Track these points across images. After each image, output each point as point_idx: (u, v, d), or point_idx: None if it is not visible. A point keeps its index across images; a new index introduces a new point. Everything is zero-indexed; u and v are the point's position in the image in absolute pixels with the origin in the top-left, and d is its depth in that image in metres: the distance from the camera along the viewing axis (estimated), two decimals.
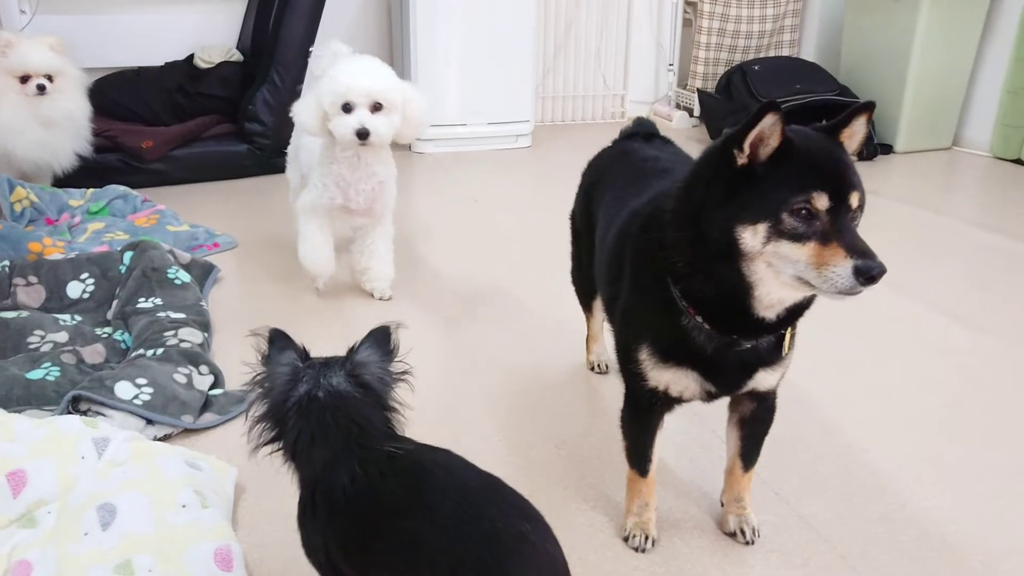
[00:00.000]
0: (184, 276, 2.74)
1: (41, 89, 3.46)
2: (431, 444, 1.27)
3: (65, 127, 3.57)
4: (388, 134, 2.58)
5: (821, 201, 1.25)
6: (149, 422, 2.00)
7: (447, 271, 3.25)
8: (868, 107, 1.37)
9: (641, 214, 1.57)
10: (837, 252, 1.23)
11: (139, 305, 2.55)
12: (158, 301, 2.57)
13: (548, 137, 5.48)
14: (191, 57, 4.64)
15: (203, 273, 2.92)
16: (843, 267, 1.22)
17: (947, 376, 2.42)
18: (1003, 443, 2.06)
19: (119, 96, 4.39)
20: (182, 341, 2.33)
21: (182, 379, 2.14)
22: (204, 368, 2.22)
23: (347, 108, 2.52)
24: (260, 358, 1.26)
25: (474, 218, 3.85)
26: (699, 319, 1.41)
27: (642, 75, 5.94)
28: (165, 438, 2.01)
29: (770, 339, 1.46)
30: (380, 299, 2.93)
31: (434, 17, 4.73)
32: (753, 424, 1.66)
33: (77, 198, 3.51)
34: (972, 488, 1.87)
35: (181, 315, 2.50)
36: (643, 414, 1.63)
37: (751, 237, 1.28)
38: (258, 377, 1.26)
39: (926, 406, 2.24)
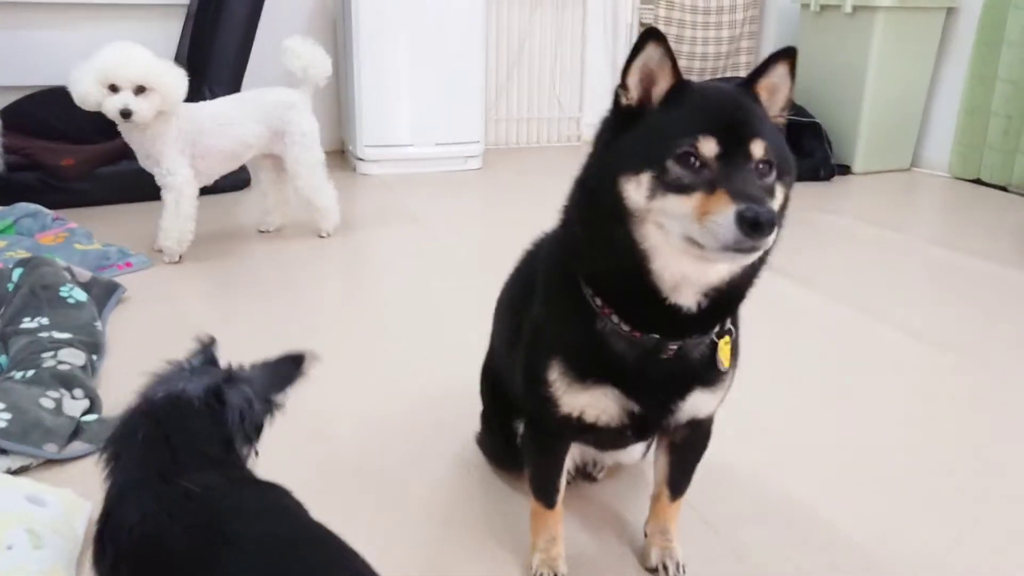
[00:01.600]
0: (79, 295, 2.51)
1: None
2: (267, 480, 1.06)
3: None
4: (149, 114, 2.95)
5: (708, 146, 1.07)
6: (3, 452, 1.76)
7: (375, 290, 3.04)
8: (788, 53, 1.20)
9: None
10: (721, 198, 1.04)
11: (22, 325, 2.31)
12: (44, 320, 2.34)
13: (500, 159, 5.31)
14: None
15: (105, 292, 2.69)
16: (725, 214, 1.02)
17: (902, 394, 2.24)
18: (960, 466, 1.87)
19: (44, 114, 4.15)
20: (60, 363, 2.09)
21: (50, 404, 1.90)
22: (79, 392, 1.99)
23: (113, 88, 2.91)
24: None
25: (413, 238, 3.64)
26: (615, 319, 1.21)
27: (598, 98, 5.82)
28: (22, 470, 1.77)
29: (703, 347, 1.26)
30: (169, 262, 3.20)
31: (379, 34, 4.57)
32: (685, 450, 1.46)
33: None
34: (926, 514, 1.67)
35: (66, 335, 2.27)
36: (551, 441, 1.43)
37: (635, 190, 1.10)
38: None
39: (879, 426, 2.05)
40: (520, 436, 1.56)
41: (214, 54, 4.03)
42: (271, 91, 3.40)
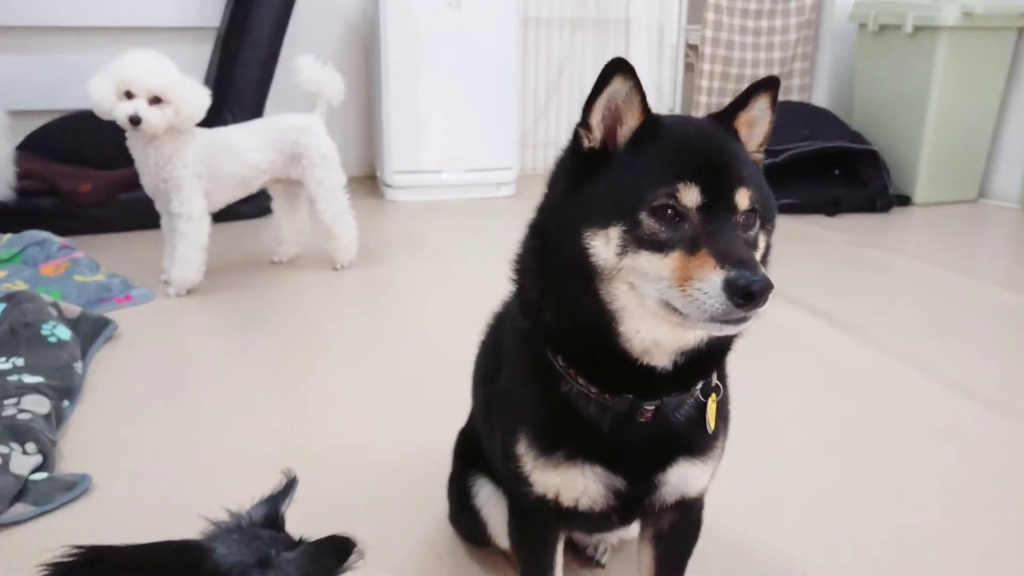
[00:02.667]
0: (63, 333, 2.38)
1: None
2: None
3: None
4: (161, 125, 2.83)
5: (689, 195, 0.93)
6: None
7: (388, 330, 2.85)
8: (770, 83, 1.05)
9: None
10: (705, 261, 0.89)
11: None
12: (19, 362, 2.21)
13: (535, 186, 5.07)
14: None
15: (94, 329, 2.56)
16: (711, 281, 0.88)
17: (948, 461, 1.96)
18: (1012, 542, 1.58)
19: (69, 138, 4.10)
20: (21, 411, 1.95)
21: None
22: (31, 446, 1.83)
23: (129, 95, 2.81)
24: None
25: (433, 273, 3.45)
26: (580, 380, 1.05)
27: None
28: None
29: (688, 408, 1.09)
30: (176, 295, 3.05)
31: (409, 56, 4.42)
32: (673, 541, 1.25)
33: None
34: None
35: (38, 379, 2.13)
36: (535, 530, 1.24)
37: (603, 246, 0.95)
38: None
39: (923, 498, 1.77)
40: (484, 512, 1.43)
41: (236, 78, 3.94)
42: (284, 117, 3.28)
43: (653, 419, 1.05)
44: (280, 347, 2.66)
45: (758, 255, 0.99)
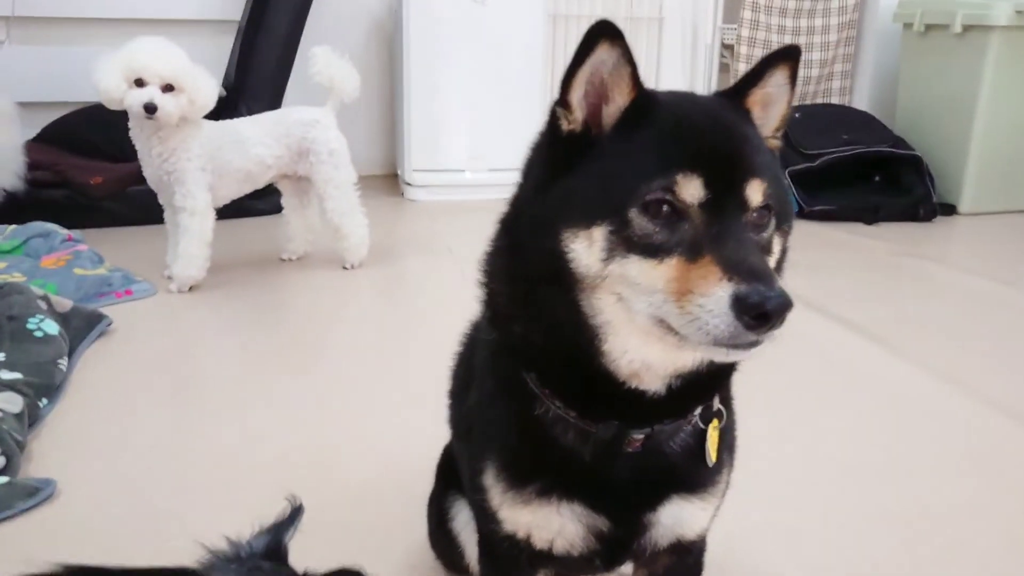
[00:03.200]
0: (50, 327, 2.28)
1: None
2: None
3: None
4: (175, 114, 2.73)
5: (690, 188, 0.77)
6: None
7: (394, 332, 2.72)
8: (789, 53, 0.90)
9: None
10: (709, 271, 0.73)
11: None
12: (0, 356, 2.10)
13: None
14: None
15: (86, 324, 2.46)
16: (715, 295, 0.72)
17: (989, 491, 1.75)
18: None
19: (85, 130, 4.05)
20: None
21: None
22: None
23: (140, 83, 2.69)
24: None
25: (445, 275, 3.31)
26: (558, 404, 0.89)
27: None
28: None
29: (684, 436, 0.93)
30: (178, 291, 2.93)
31: (432, 52, 4.30)
32: None
33: None
34: None
35: (16, 375, 2.02)
36: (507, 570, 1.07)
37: (585, 250, 0.79)
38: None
39: (960, 532, 1.57)
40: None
41: (253, 71, 3.84)
42: (293, 110, 3.17)
43: (643, 449, 0.90)
44: (279, 349, 2.54)
45: (771, 262, 0.83)
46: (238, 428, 2.01)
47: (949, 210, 4.34)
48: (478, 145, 4.49)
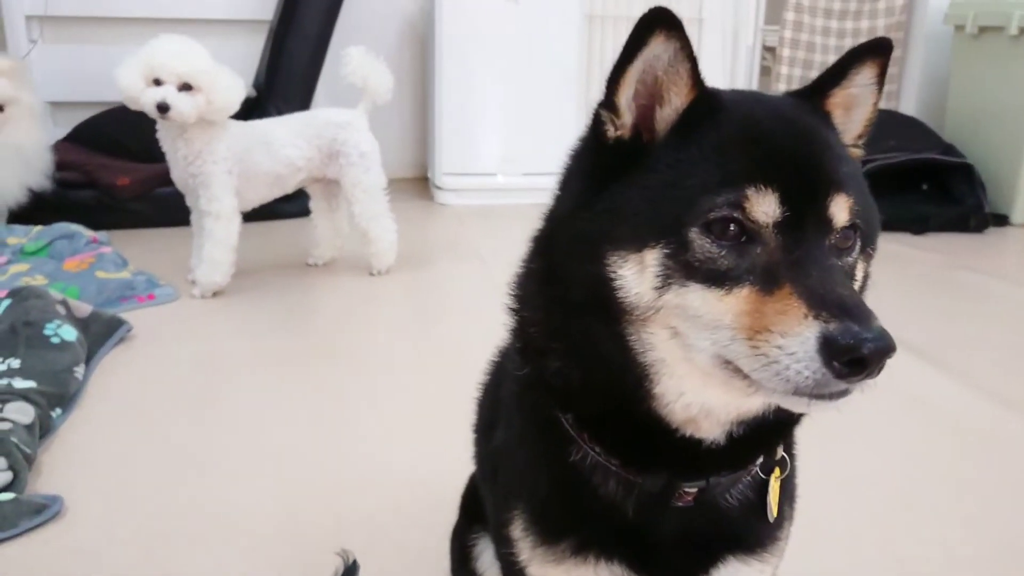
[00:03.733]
0: (68, 334, 2.22)
1: None
2: None
3: (11, 160, 3.17)
4: (191, 113, 2.66)
5: (764, 205, 0.66)
6: None
7: (419, 343, 2.62)
8: (880, 47, 0.77)
9: None
10: (790, 305, 0.62)
11: None
12: (14, 363, 2.05)
13: None
14: None
15: (106, 330, 2.40)
16: (799, 336, 0.61)
17: None
18: None
19: (115, 130, 4.02)
20: (1, 420, 1.77)
21: None
22: (1, 462, 1.65)
23: (157, 83, 2.65)
24: None
25: (475, 283, 3.21)
26: (597, 449, 0.78)
27: None
28: None
29: (744, 488, 0.81)
30: (201, 297, 2.88)
31: (465, 54, 4.21)
32: None
33: (19, 235, 3.09)
34: None
35: (29, 384, 1.96)
36: None
37: (634, 276, 0.69)
38: None
39: None
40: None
41: (283, 71, 3.78)
42: (324, 111, 3.11)
43: (695, 503, 0.78)
44: (302, 359, 2.45)
45: (855, 286, 0.72)
46: (256, 445, 1.92)
47: (1001, 220, 4.15)
48: (510, 148, 4.39)
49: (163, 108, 2.63)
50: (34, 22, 4.16)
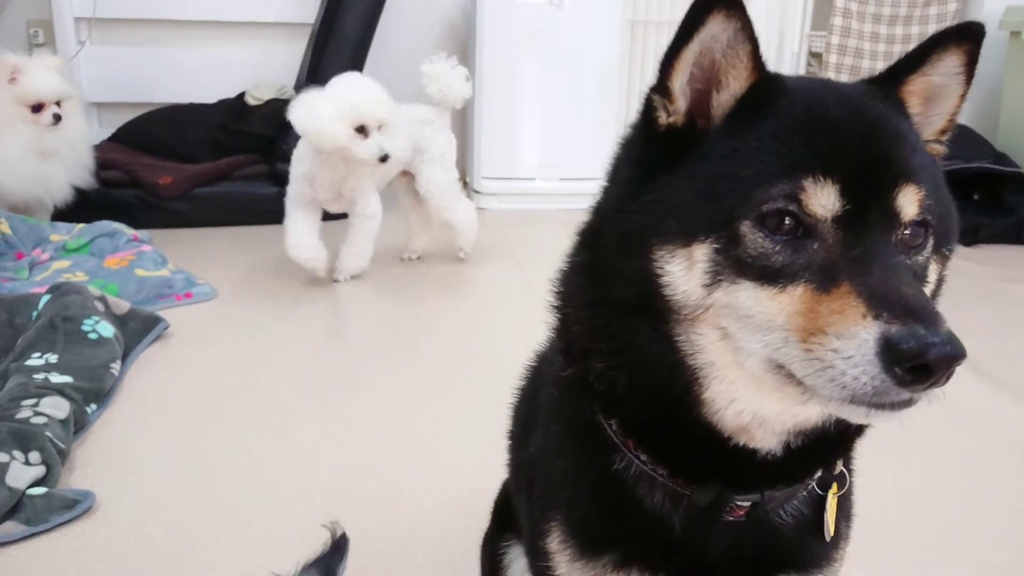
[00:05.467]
0: (105, 330, 2.23)
1: (57, 119, 3.11)
2: None
3: (65, 156, 3.23)
4: (403, 156, 2.91)
5: (822, 197, 0.61)
6: None
7: (447, 348, 2.59)
8: (969, 32, 0.70)
9: None
10: (847, 304, 0.57)
11: (27, 361, 2.04)
12: (52, 358, 2.06)
13: None
14: (243, 94, 4.29)
15: (143, 327, 2.41)
16: (855, 337, 0.56)
17: None
18: None
19: (159, 131, 4.07)
20: (37, 414, 1.79)
21: None
22: (35, 455, 1.65)
23: (361, 130, 2.72)
24: None
25: (513, 288, 3.17)
26: (643, 458, 0.74)
27: None
28: None
29: (799, 503, 0.76)
30: (335, 281, 3.03)
31: (505, 57, 4.20)
32: None
33: (62, 232, 3.13)
34: None
35: (66, 378, 1.97)
36: None
37: (683, 272, 0.65)
38: None
39: None
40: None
41: (323, 75, 3.78)
42: (411, 108, 3.14)
43: (747, 519, 0.74)
44: (337, 359, 2.45)
45: (927, 290, 0.68)
46: (287, 447, 1.90)
47: None
48: (550, 153, 4.36)
49: (386, 159, 2.76)
50: (83, 24, 4.22)
